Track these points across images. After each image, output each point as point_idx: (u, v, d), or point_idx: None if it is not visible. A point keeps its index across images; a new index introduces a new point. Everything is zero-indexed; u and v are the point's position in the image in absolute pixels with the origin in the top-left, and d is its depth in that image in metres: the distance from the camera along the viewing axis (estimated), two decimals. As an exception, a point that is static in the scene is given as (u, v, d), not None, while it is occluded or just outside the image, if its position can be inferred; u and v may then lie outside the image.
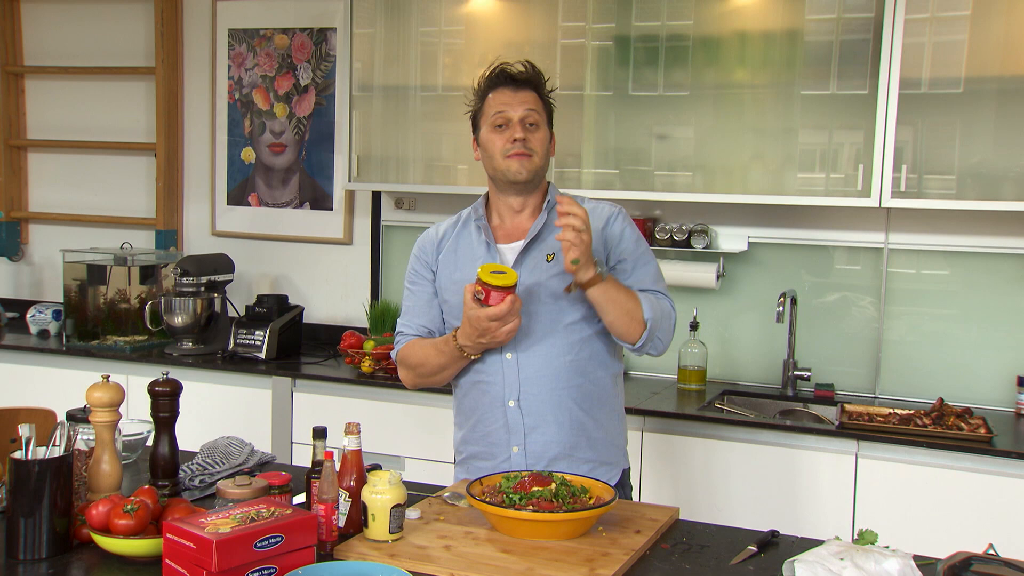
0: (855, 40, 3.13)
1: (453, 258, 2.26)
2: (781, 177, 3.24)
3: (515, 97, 2.17)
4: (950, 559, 1.65)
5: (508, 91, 2.18)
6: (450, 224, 2.34)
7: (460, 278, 2.20)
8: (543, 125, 2.20)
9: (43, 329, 4.23)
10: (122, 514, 1.69)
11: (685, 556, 1.79)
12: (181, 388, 2.04)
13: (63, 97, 4.63)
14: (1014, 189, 2.99)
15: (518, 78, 2.18)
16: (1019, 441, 2.91)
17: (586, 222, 2.00)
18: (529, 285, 2.15)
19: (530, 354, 2.15)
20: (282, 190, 4.28)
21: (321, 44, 4.14)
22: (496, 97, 2.18)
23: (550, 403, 2.16)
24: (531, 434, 2.16)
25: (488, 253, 2.21)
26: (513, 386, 2.16)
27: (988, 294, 3.30)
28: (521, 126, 2.16)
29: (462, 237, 2.28)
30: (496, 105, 2.17)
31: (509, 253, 2.21)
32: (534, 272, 2.17)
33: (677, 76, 3.34)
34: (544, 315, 2.16)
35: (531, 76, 2.20)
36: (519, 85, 2.18)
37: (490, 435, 2.21)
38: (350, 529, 1.82)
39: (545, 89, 2.22)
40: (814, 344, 3.49)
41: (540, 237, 2.20)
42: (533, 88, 2.19)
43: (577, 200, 2.18)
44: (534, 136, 2.17)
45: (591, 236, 2.03)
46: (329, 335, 4.09)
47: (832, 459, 2.94)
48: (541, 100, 2.20)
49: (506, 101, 2.17)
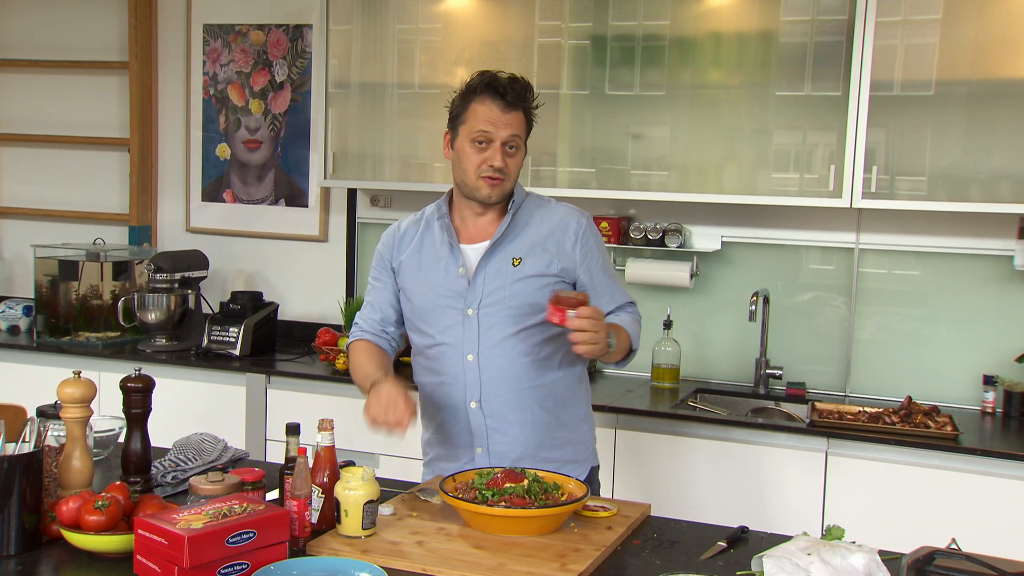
0: (828, 42, 3.16)
1: (417, 258, 2.23)
2: (755, 177, 3.27)
3: (502, 118, 2.10)
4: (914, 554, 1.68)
5: (496, 108, 2.10)
6: (412, 222, 2.30)
7: (424, 278, 2.20)
8: (521, 147, 2.16)
9: (13, 325, 4.19)
10: (93, 510, 1.69)
11: (656, 552, 1.81)
12: (154, 384, 2.03)
13: (35, 91, 4.59)
14: (983, 191, 3.04)
15: (508, 98, 2.10)
16: (984, 439, 2.96)
17: (600, 323, 1.99)
18: (493, 288, 2.15)
19: (491, 355, 2.15)
20: (257, 187, 4.26)
21: (297, 40, 4.12)
22: (482, 109, 2.11)
23: (512, 404, 2.16)
24: (493, 435, 2.17)
25: (451, 254, 2.20)
26: (474, 387, 2.16)
27: (956, 294, 3.35)
28: (501, 150, 2.11)
29: (426, 237, 2.25)
30: (480, 120, 2.10)
31: (472, 254, 2.19)
32: (498, 275, 2.16)
33: (653, 76, 3.36)
34: (507, 318, 2.15)
35: (522, 96, 2.12)
36: (509, 105, 2.10)
37: (453, 437, 2.21)
38: (323, 525, 1.82)
39: (532, 107, 2.17)
40: (786, 343, 3.52)
41: (505, 239, 2.18)
42: (522, 109, 2.13)
43: (546, 202, 2.23)
44: (512, 160, 2.13)
45: (605, 328, 2.01)
46: (304, 332, 4.08)
47: (802, 456, 2.97)
48: (526, 120, 2.15)
49: (492, 119, 2.10)
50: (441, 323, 2.18)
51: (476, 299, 2.16)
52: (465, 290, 2.17)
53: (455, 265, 2.18)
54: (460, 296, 2.17)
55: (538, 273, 2.16)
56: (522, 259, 2.16)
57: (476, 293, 2.16)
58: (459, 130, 2.15)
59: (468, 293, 2.16)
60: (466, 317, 2.16)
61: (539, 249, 2.17)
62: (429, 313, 2.20)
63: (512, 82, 2.12)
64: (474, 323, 2.15)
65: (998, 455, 2.79)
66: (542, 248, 2.17)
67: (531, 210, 2.23)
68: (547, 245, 2.18)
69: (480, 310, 2.15)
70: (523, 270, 2.16)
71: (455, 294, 2.17)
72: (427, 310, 2.20)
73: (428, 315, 2.20)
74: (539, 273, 2.16)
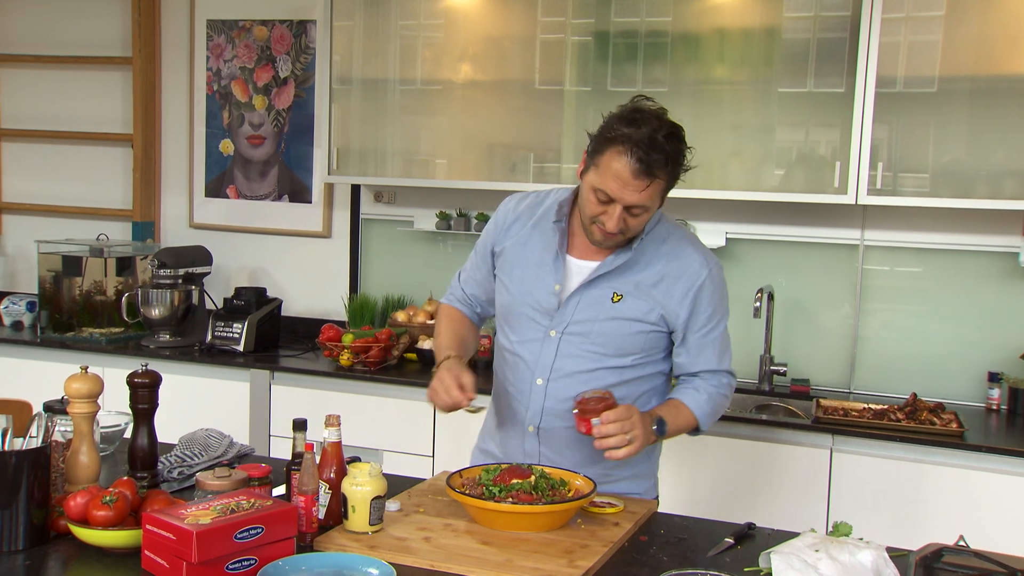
0: (832, 38, 3.15)
1: (519, 253, 2.10)
2: (759, 174, 3.26)
3: (632, 183, 1.86)
4: (922, 551, 1.68)
5: (630, 173, 1.85)
6: (531, 204, 2.13)
7: (518, 279, 2.09)
8: (655, 205, 1.93)
9: (17, 320, 4.19)
10: (100, 505, 1.68)
11: (663, 548, 1.80)
12: (160, 379, 2.03)
13: (38, 86, 4.58)
14: (986, 187, 3.03)
15: (644, 167, 1.84)
16: (990, 436, 2.96)
17: (627, 423, 1.88)
18: (583, 318, 2.02)
19: (560, 385, 2.04)
20: (260, 182, 4.26)
21: (301, 36, 4.12)
22: (615, 166, 1.86)
23: (571, 441, 2.05)
24: (546, 464, 2.07)
25: (554, 263, 2.05)
26: (536, 413, 2.08)
27: (961, 291, 3.35)
28: (622, 213, 1.90)
29: (536, 231, 2.09)
30: (608, 177, 1.87)
31: (575, 271, 2.05)
32: (593, 306, 2.02)
33: (656, 72, 3.36)
34: (587, 352, 2.03)
35: (664, 162, 1.85)
36: (646, 173, 1.85)
37: (508, 451, 2.14)
38: (330, 521, 1.82)
39: (681, 164, 1.91)
40: (790, 339, 3.52)
41: (615, 270, 2.02)
42: (661, 173, 1.88)
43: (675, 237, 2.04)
44: (635, 220, 1.93)
45: (638, 423, 1.90)
46: (307, 328, 4.08)
47: (807, 453, 2.97)
48: (668, 180, 1.91)
49: (622, 181, 1.86)
50: (522, 333, 2.09)
51: (563, 323, 2.04)
52: (554, 310, 2.04)
53: (552, 279, 2.05)
54: (547, 314, 2.05)
55: (635, 317, 2.01)
56: (623, 297, 2.02)
57: (564, 317, 2.03)
58: (590, 166, 1.94)
59: (556, 313, 2.04)
60: (547, 337, 2.05)
61: (645, 292, 2.02)
62: (514, 318, 2.10)
63: (651, 147, 1.84)
64: (553, 346, 2.04)
65: (1004, 452, 2.79)
66: (648, 292, 2.01)
67: (655, 244, 2.04)
68: (654, 291, 2.02)
69: (563, 336, 2.04)
70: (620, 309, 2.01)
71: (543, 310, 2.05)
72: (512, 314, 2.11)
73: (512, 319, 2.11)
74: (636, 318, 2.01)
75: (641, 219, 1.94)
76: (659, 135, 1.85)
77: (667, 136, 1.86)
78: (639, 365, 2.06)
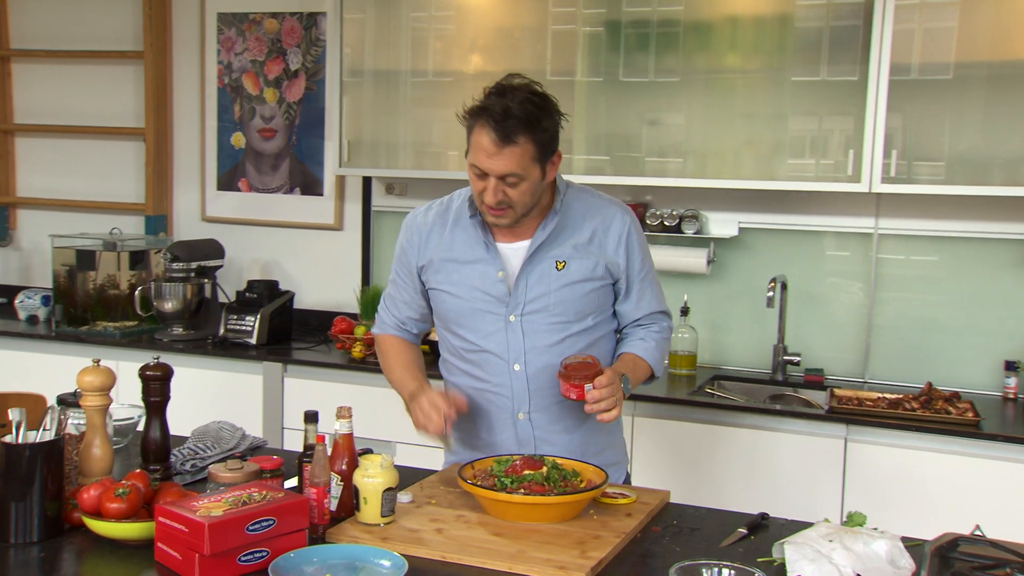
0: (845, 26, 3.13)
1: (448, 257, 2.12)
2: (771, 163, 3.24)
3: (496, 153, 1.91)
4: (938, 540, 1.66)
5: (490, 142, 1.90)
6: (438, 214, 2.16)
7: (459, 280, 2.10)
8: (530, 174, 1.95)
9: (32, 315, 4.21)
10: (114, 498, 1.69)
11: (676, 539, 1.80)
12: (172, 372, 2.04)
13: (50, 81, 4.60)
14: (1003, 174, 3.01)
15: (500, 133, 1.89)
16: (1006, 425, 2.94)
17: (615, 386, 1.96)
18: (536, 295, 2.07)
19: (538, 364, 2.08)
20: (272, 175, 4.26)
21: (311, 29, 4.11)
22: (478, 139, 1.93)
23: (561, 413, 2.11)
24: (542, 445, 2.11)
25: (488, 254, 2.08)
26: (523, 398, 2.10)
27: (976, 279, 3.32)
28: (498, 184, 1.95)
29: (456, 233, 2.12)
30: (476, 151, 1.94)
31: (511, 255, 2.08)
32: (541, 280, 2.06)
33: (668, 62, 3.34)
34: (552, 325, 2.07)
35: (517, 130, 1.89)
36: (505, 139, 1.90)
37: (496, 446, 2.14)
38: (342, 513, 1.83)
39: (542, 128, 1.93)
40: (804, 329, 3.50)
41: (549, 240, 2.07)
42: (522, 139, 1.91)
43: (588, 196, 2.12)
44: (515, 190, 1.96)
45: (622, 393, 1.99)
46: (320, 320, 4.08)
47: (821, 443, 2.96)
48: (533, 145, 1.92)
49: (487, 151, 1.91)
50: (482, 329, 2.10)
51: (519, 305, 2.07)
52: (506, 295, 2.07)
53: (493, 268, 2.08)
54: (500, 302, 2.08)
55: (583, 278, 2.08)
56: (566, 262, 2.07)
57: (518, 299, 2.07)
58: (467, 148, 2.00)
59: (509, 299, 2.07)
60: (508, 324, 2.08)
61: (583, 251, 2.08)
62: (467, 318, 2.11)
63: (505, 116, 1.89)
64: (517, 330, 2.07)
65: (1020, 441, 2.77)
66: (586, 250, 2.08)
67: (573, 206, 2.11)
68: (591, 247, 2.08)
69: (523, 317, 2.07)
70: (568, 275, 2.07)
71: (495, 299, 2.08)
72: (464, 314, 2.11)
73: (466, 320, 2.12)
74: (584, 277, 2.08)
75: (521, 189, 1.97)
76: (513, 103, 1.90)
77: (521, 102, 1.91)
78: (600, 323, 2.14)
